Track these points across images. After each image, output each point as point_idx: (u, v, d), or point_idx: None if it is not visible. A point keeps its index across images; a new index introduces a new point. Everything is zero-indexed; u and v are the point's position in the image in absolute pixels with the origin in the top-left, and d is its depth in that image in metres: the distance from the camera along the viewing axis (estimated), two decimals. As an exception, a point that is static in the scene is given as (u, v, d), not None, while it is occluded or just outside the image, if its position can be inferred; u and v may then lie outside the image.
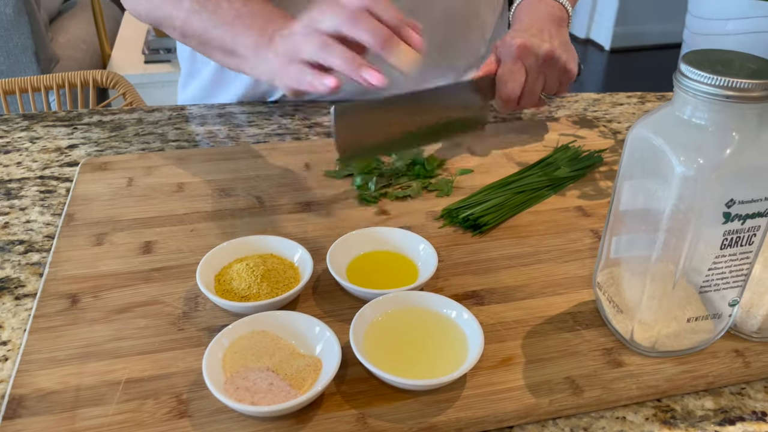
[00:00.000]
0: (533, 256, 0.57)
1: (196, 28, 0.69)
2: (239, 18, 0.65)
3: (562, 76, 0.74)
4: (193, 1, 0.68)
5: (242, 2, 0.66)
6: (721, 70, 0.38)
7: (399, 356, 0.45)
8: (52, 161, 0.73)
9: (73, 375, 0.44)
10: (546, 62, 0.71)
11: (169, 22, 0.72)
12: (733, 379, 0.46)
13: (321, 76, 0.53)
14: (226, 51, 0.67)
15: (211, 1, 0.67)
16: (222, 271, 0.52)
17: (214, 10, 0.67)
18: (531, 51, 0.70)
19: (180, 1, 0.69)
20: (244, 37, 0.64)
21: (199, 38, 0.69)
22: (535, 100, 0.74)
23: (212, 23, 0.67)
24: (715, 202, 0.40)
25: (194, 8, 0.68)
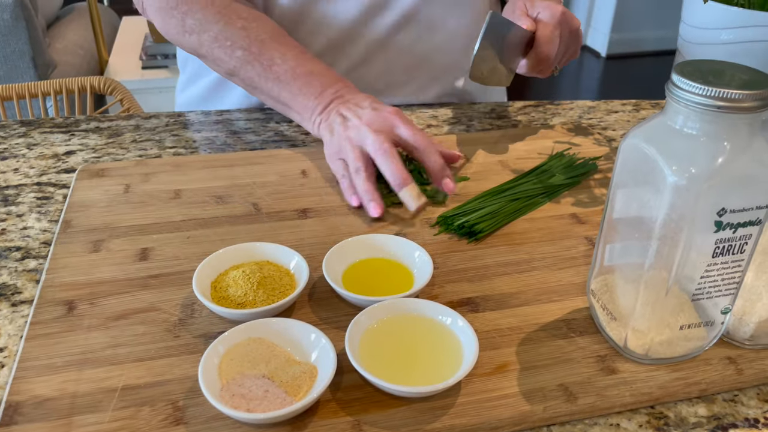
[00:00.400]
0: (528, 264, 0.58)
1: (249, 76, 0.73)
2: (296, 79, 0.71)
3: (573, 53, 0.78)
4: (246, 51, 0.72)
5: (295, 60, 0.72)
6: (713, 80, 0.39)
7: (394, 363, 0.45)
8: (49, 168, 0.73)
9: (69, 382, 0.44)
10: (574, 36, 0.75)
11: (218, 63, 0.75)
12: (725, 386, 0.47)
13: (351, 192, 0.64)
14: (279, 102, 0.73)
15: (265, 55, 0.72)
16: (218, 278, 0.53)
17: (269, 66, 0.72)
18: (567, 21, 0.73)
19: (232, 48, 0.72)
20: (302, 97, 0.71)
21: (250, 85, 0.74)
22: (551, 68, 0.76)
23: (268, 77, 0.72)
24: (707, 211, 0.40)
25: (247, 58, 0.72)
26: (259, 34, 0.73)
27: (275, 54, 0.72)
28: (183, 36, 0.76)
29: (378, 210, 0.62)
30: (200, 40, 0.74)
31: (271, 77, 0.72)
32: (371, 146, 0.64)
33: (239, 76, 0.74)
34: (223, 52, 0.73)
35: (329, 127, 0.69)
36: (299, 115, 0.73)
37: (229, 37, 0.73)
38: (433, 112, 0.89)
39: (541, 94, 3.44)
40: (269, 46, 0.72)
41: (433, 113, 0.89)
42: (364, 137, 0.64)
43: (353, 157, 0.64)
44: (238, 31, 0.73)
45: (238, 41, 0.72)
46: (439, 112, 0.89)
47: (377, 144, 0.63)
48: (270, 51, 0.72)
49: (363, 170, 0.64)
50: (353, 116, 0.67)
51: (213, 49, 0.74)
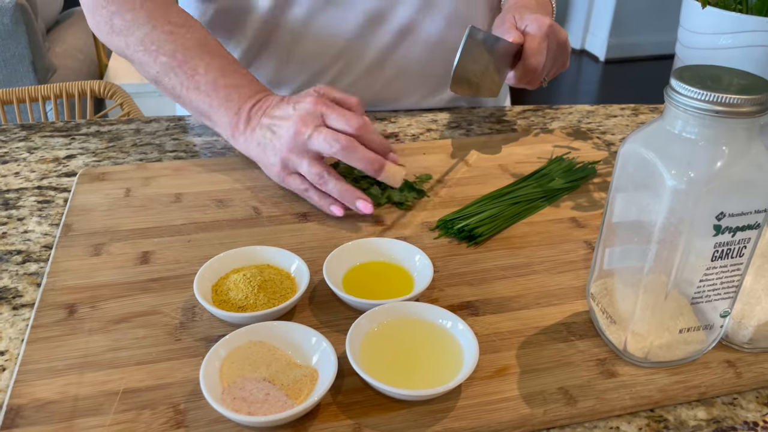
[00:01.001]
0: (527, 267, 0.58)
1: (171, 84, 0.70)
2: (217, 90, 0.68)
3: (561, 66, 0.78)
4: (171, 58, 0.69)
5: (219, 71, 0.69)
6: (711, 85, 0.39)
7: (394, 366, 0.45)
8: (49, 171, 0.73)
9: (70, 385, 0.45)
10: (562, 48, 0.75)
11: (143, 67, 0.72)
12: (725, 389, 0.47)
13: (328, 202, 0.62)
14: (200, 113, 0.70)
15: (189, 63, 0.68)
16: (219, 282, 0.53)
17: (191, 75, 0.68)
18: (555, 33, 0.74)
19: (157, 54, 0.69)
20: (223, 110, 0.67)
21: (172, 93, 0.71)
22: (539, 80, 0.76)
23: (189, 86, 0.69)
24: (706, 215, 0.40)
25: (171, 65, 0.69)
26: (185, 42, 0.69)
27: (200, 63, 0.68)
28: (110, 36, 0.73)
29: (370, 206, 0.61)
30: (126, 41, 0.71)
31: (193, 87, 0.68)
32: (323, 145, 0.60)
33: (162, 83, 0.71)
34: (147, 56, 0.70)
35: (257, 144, 0.65)
36: (220, 129, 0.70)
37: (154, 41, 0.69)
38: (432, 116, 0.89)
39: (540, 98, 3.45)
40: (194, 55, 0.69)
41: (432, 117, 0.89)
42: (307, 140, 0.61)
43: (307, 164, 0.61)
44: (166, 36, 0.69)
45: (164, 46, 0.69)
46: (439, 117, 0.90)
47: (329, 140, 0.60)
48: (194, 60, 0.68)
49: (327, 173, 0.61)
50: (279, 122, 0.64)
51: (138, 53, 0.71)
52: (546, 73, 0.77)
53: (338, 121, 0.62)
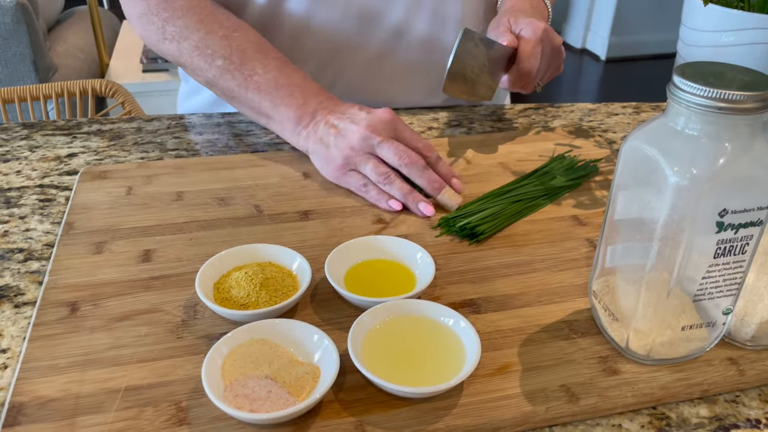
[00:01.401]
0: (529, 265, 0.58)
1: (229, 86, 0.72)
2: (279, 89, 0.69)
3: (555, 70, 0.79)
4: (227, 61, 0.70)
5: (278, 71, 0.70)
6: (714, 82, 0.39)
7: (397, 364, 0.45)
8: (51, 170, 0.73)
9: (72, 383, 0.45)
10: (556, 52, 0.75)
11: (197, 71, 0.74)
12: (727, 386, 0.47)
13: (385, 198, 0.64)
14: (260, 113, 0.72)
15: (246, 65, 0.70)
16: (221, 280, 0.53)
17: (249, 76, 0.70)
18: (549, 37, 0.74)
19: (213, 57, 0.71)
20: (284, 107, 0.69)
21: (229, 95, 0.73)
22: (533, 84, 0.77)
23: (249, 87, 0.70)
24: (708, 212, 0.40)
25: (227, 68, 0.71)
26: (240, 44, 0.71)
27: (257, 64, 0.70)
28: (163, 43, 0.74)
29: (431, 208, 0.63)
30: (180, 47, 0.73)
31: (252, 87, 0.70)
32: (392, 156, 0.64)
33: (218, 86, 0.73)
34: (203, 60, 0.71)
35: (319, 139, 0.67)
36: (281, 127, 0.71)
37: (209, 46, 0.71)
38: (434, 115, 0.89)
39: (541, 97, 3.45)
40: (251, 56, 0.71)
41: (434, 116, 0.89)
42: (376, 145, 0.64)
43: (372, 166, 0.64)
44: (220, 40, 0.71)
45: (219, 50, 0.71)
46: (440, 115, 0.89)
47: (399, 152, 0.63)
48: (251, 61, 0.70)
49: (393, 175, 0.64)
50: (348, 124, 0.66)
51: (193, 58, 0.72)
52: (540, 78, 0.78)
53: (411, 138, 0.65)
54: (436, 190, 0.64)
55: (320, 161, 0.68)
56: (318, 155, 0.68)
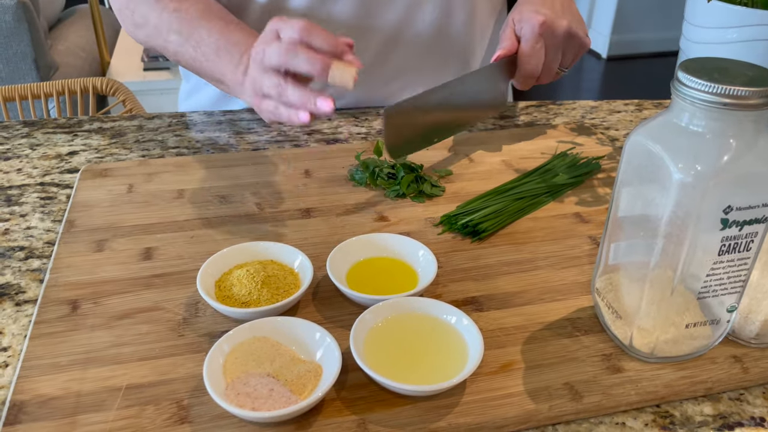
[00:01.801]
0: (532, 263, 0.58)
1: (186, 61, 0.71)
2: (219, 51, 0.68)
3: (578, 49, 0.76)
4: (178, 34, 0.71)
5: (220, 32, 0.69)
6: (718, 77, 0.39)
7: (399, 362, 0.45)
8: (52, 168, 0.73)
9: (73, 381, 0.44)
10: (565, 39, 0.73)
11: (164, 52, 0.75)
12: (731, 384, 0.46)
13: (295, 111, 0.56)
14: (216, 80, 0.70)
15: (194, 35, 0.70)
16: (222, 278, 0.53)
17: (197, 46, 0.69)
18: (551, 28, 0.71)
19: (168, 33, 0.71)
20: (226, 69, 0.67)
21: (191, 68, 0.72)
22: (552, 75, 0.75)
23: (198, 59, 0.70)
24: (713, 209, 0.40)
25: (180, 41, 0.71)
26: (189, 14, 0.71)
27: (203, 32, 0.69)
28: (136, 31, 0.76)
29: (330, 102, 0.55)
30: (147, 32, 0.74)
31: (201, 59, 0.69)
32: (273, 56, 0.57)
33: (181, 62, 0.73)
34: (162, 39, 0.72)
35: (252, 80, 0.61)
36: (231, 89, 0.68)
37: (164, 23, 0.72)
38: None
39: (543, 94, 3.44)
40: (196, 25, 0.70)
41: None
42: (264, 57, 0.58)
43: (267, 78, 0.58)
44: (171, 15, 0.71)
45: (172, 25, 0.71)
46: (442, 112, 0.89)
47: (275, 49, 0.56)
48: (197, 30, 0.69)
49: (284, 81, 0.57)
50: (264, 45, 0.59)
51: (155, 39, 0.73)
52: (558, 66, 0.76)
53: (287, 30, 0.58)
54: (320, 72, 0.55)
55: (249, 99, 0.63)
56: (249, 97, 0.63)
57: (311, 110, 0.56)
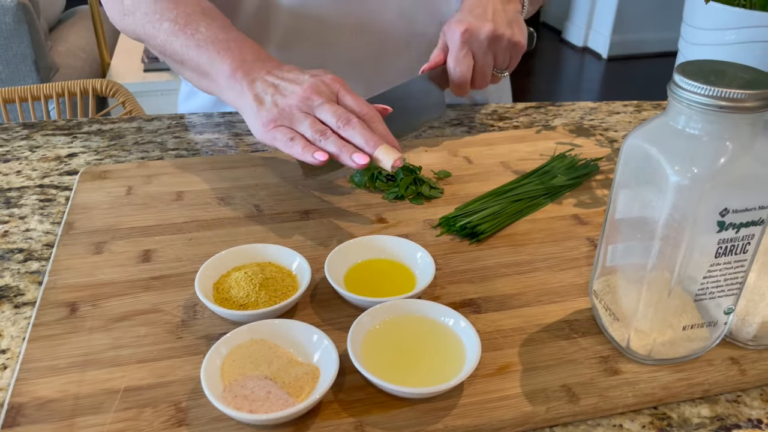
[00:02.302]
0: (530, 264, 0.58)
1: (174, 49, 0.71)
2: (216, 43, 0.68)
3: (511, 50, 0.76)
4: (173, 23, 0.70)
5: (220, 29, 0.69)
6: (715, 80, 0.39)
7: (396, 364, 0.45)
8: (51, 170, 0.73)
9: (72, 383, 0.44)
10: (491, 42, 0.73)
11: (150, 41, 0.74)
12: (729, 386, 0.46)
13: (312, 150, 0.58)
14: (201, 72, 0.69)
15: (190, 25, 0.70)
16: (220, 280, 0.53)
17: (192, 34, 0.69)
18: (474, 34, 0.72)
19: (160, 21, 0.71)
20: (219, 61, 0.66)
21: (176, 58, 0.71)
22: (487, 79, 0.76)
23: (189, 45, 0.69)
24: (710, 211, 0.40)
25: (173, 30, 0.70)
26: (187, 8, 0.72)
27: (201, 24, 0.70)
28: (123, 18, 0.76)
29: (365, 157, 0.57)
30: (135, 19, 0.74)
31: (193, 45, 0.69)
32: (330, 116, 0.59)
33: (167, 51, 0.72)
34: (152, 26, 0.72)
35: (255, 96, 0.63)
36: (216, 84, 0.68)
37: (157, 11, 0.72)
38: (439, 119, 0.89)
39: (543, 95, 3.44)
40: (196, 18, 0.70)
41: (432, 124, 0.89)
42: (316, 107, 0.60)
43: (309, 123, 0.60)
44: (167, 4, 0.72)
45: (166, 13, 0.71)
46: (441, 114, 0.89)
47: (338, 113, 0.59)
48: (196, 22, 0.70)
49: (330, 132, 0.59)
50: (288, 84, 0.63)
51: (144, 25, 0.73)
52: (495, 68, 0.77)
53: (352, 102, 0.62)
54: (372, 146, 0.58)
55: (251, 116, 0.63)
56: (249, 110, 0.63)
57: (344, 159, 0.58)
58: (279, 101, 0.62)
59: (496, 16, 0.74)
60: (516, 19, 0.77)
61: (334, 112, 0.60)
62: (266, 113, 0.62)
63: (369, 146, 0.58)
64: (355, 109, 0.61)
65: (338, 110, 0.60)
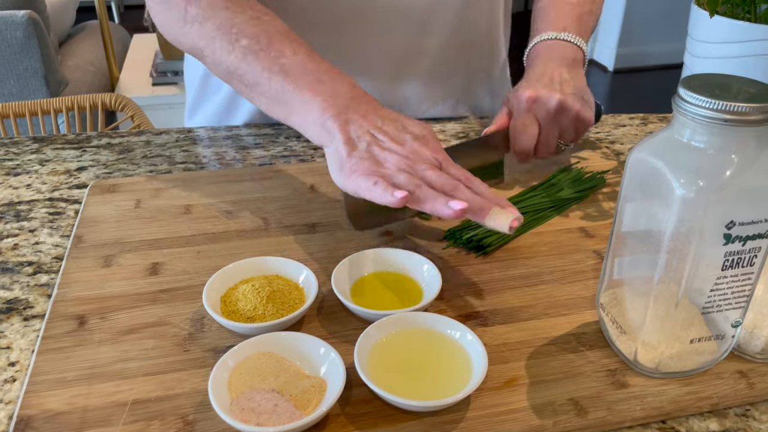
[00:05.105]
0: (537, 277, 0.58)
1: (251, 70, 0.64)
2: (306, 74, 0.62)
3: (577, 124, 0.72)
4: (254, 41, 0.64)
5: (308, 57, 0.63)
6: (720, 94, 0.39)
7: (403, 377, 0.45)
8: (61, 183, 0.74)
9: (80, 396, 0.45)
10: (558, 112, 0.70)
11: (217, 56, 0.67)
12: (737, 400, 0.46)
13: (392, 189, 0.52)
14: (280, 101, 0.63)
15: (274, 47, 0.63)
16: (228, 293, 0.53)
17: (276, 58, 0.63)
18: (542, 103, 0.70)
19: (237, 37, 0.64)
20: (310, 95, 0.60)
21: (250, 80, 0.64)
22: (551, 150, 0.73)
23: (274, 70, 0.63)
24: (716, 224, 0.40)
25: (253, 49, 0.64)
26: (268, 28, 0.65)
27: (285, 47, 0.63)
28: (183, 26, 0.68)
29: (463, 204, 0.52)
30: (202, 29, 0.66)
31: (277, 70, 0.62)
32: (435, 180, 0.55)
33: (239, 70, 0.65)
34: (226, 41, 0.65)
35: (348, 141, 0.58)
36: (303, 117, 0.62)
37: (235, 25, 0.65)
38: (440, 126, 0.90)
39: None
40: (279, 39, 0.64)
41: (440, 127, 0.89)
42: (421, 172, 0.55)
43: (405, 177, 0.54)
44: (248, 20, 0.65)
45: (246, 29, 0.64)
46: (447, 126, 0.90)
47: (442, 180, 0.55)
48: (280, 43, 0.64)
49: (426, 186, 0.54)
50: (388, 141, 0.57)
51: (215, 39, 0.65)
52: (557, 140, 0.73)
53: (456, 171, 0.57)
54: (488, 207, 0.53)
55: (336, 159, 0.58)
56: (336, 153, 0.58)
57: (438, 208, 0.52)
58: (375, 152, 0.56)
59: (564, 87, 0.71)
60: (584, 91, 0.74)
61: (438, 177, 0.55)
62: (357, 161, 0.56)
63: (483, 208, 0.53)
64: (460, 178, 0.56)
65: (443, 176, 0.55)
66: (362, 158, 0.56)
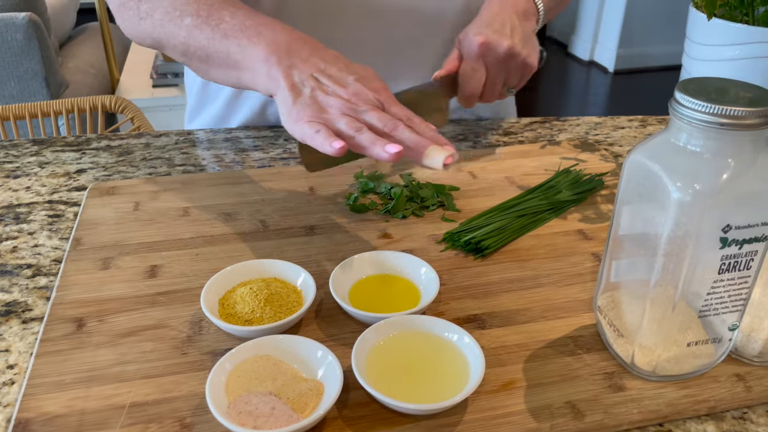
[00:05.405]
0: (534, 280, 0.58)
1: (199, 43, 0.67)
2: (244, 30, 0.64)
3: (523, 70, 0.76)
4: (195, 17, 0.67)
5: (246, 16, 0.65)
6: (716, 98, 0.39)
7: (400, 380, 0.45)
8: (60, 186, 0.74)
9: (78, 399, 0.45)
10: (506, 59, 0.73)
11: (171, 40, 0.70)
12: (735, 403, 0.46)
13: (331, 138, 0.53)
14: (230, 64, 0.65)
15: (214, 16, 0.66)
16: (226, 295, 0.53)
17: (217, 24, 0.66)
18: (491, 48, 0.72)
19: (181, 17, 0.68)
20: (251, 47, 0.62)
21: (201, 53, 0.67)
22: (496, 95, 0.76)
23: (215, 37, 0.65)
24: (712, 228, 0.40)
25: (196, 23, 0.67)
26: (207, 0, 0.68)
27: (224, 13, 0.66)
28: (139, 24, 0.71)
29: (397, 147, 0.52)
30: (153, 22, 0.70)
31: (219, 36, 0.65)
32: (376, 122, 0.56)
33: (191, 48, 0.67)
34: (173, 24, 0.68)
35: (293, 87, 0.59)
36: (249, 73, 0.63)
37: (177, 7, 0.68)
38: (439, 129, 0.90)
39: (548, 110, 3.45)
40: (217, 8, 0.67)
41: (439, 131, 0.89)
42: (360, 112, 0.57)
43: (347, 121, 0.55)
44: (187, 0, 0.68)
45: (187, 8, 0.67)
46: (446, 128, 0.90)
47: (383, 120, 0.55)
48: (219, 11, 0.66)
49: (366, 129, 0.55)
50: (333, 84, 0.59)
51: (164, 26, 0.69)
52: (504, 85, 0.76)
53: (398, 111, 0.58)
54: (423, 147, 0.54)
55: (283, 107, 0.59)
56: (284, 103, 0.59)
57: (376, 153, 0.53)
58: (319, 98, 0.58)
59: (514, 33, 0.73)
60: (531, 38, 0.76)
61: (379, 119, 0.56)
62: (301, 107, 0.57)
63: (420, 147, 0.54)
64: (401, 117, 0.57)
65: (384, 116, 0.56)
66: (306, 104, 0.57)
